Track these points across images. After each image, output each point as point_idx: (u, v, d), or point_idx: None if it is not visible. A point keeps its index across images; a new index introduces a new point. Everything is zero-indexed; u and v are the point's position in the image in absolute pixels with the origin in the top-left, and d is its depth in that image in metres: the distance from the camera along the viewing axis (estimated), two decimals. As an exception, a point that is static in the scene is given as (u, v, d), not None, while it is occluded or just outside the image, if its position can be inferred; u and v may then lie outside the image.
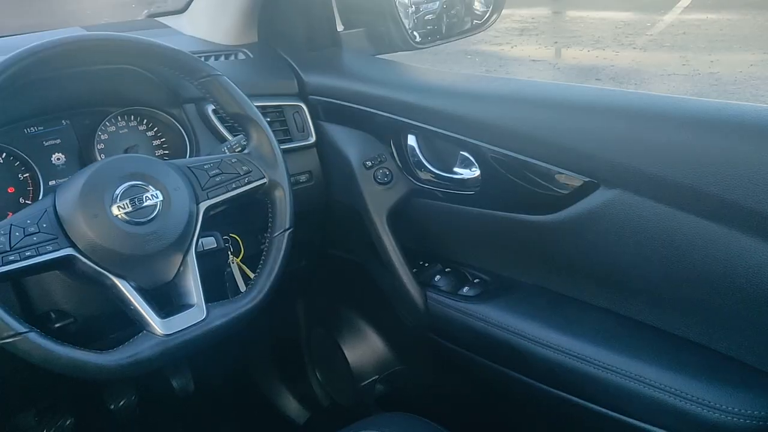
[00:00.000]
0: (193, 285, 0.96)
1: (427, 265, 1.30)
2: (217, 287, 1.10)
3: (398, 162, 1.28)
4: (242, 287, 1.19)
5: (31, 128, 1.15)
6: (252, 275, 1.18)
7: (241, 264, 1.22)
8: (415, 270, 1.26)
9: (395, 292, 1.27)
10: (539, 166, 1.05)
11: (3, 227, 0.86)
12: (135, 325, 0.93)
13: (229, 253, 1.21)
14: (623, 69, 6.08)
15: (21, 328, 0.82)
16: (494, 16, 1.54)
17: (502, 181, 1.11)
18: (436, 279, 1.25)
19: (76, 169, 1.17)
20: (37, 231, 0.88)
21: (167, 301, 0.96)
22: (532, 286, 1.17)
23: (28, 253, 0.86)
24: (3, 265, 0.84)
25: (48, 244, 0.88)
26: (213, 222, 1.04)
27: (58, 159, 1.17)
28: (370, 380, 1.52)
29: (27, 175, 1.14)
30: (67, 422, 1.55)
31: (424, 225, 1.29)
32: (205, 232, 1.04)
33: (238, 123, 1.07)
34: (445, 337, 1.23)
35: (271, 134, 1.08)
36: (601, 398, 0.99)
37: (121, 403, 1.63)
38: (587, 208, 1.00)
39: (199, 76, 1.04)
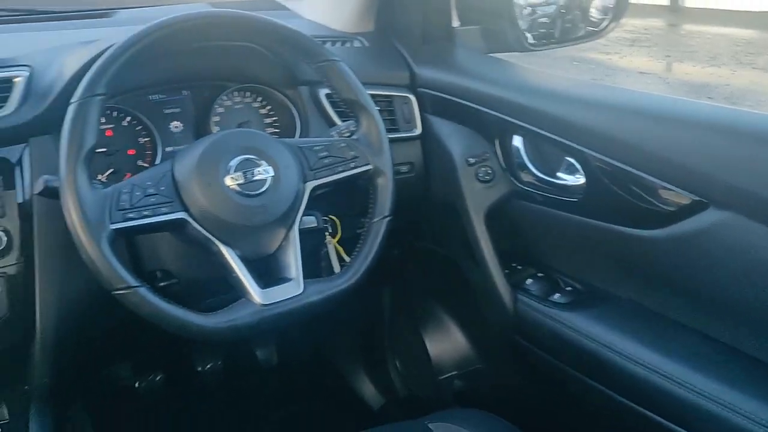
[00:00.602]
0: (293, 260, 1.00)
1: (519, 267, 1.29)
2: (311, 265, 1.14)
3: (501, 162, 1.28)
4: (336, 268, 1.22)
5: (155, 96, 1.22)
6: (346, 257, 1.22)
7: (337, 245, 1.24)
8: (507, 271, 1.26)
9: (484, 291, 1.27)
10: (646, 179, 1.03)
11: (126, 186, 0.92)
12: (233, 293, 0.97)
13: (327, 233, 1.24)
14: (739, 89, 5.81)
15: (133, 282, 0.88)
16: (611, 25, 1.51)
17: (606, 191, 1.09)
18: (527, 282, 1.25)
19: (191, 138, 1.24)
20: (155, 193, 0.93)
21: (267, 272, 1.00)
22: (626, 300, 1.15)
23: (145, 213, 0.91)
24: (123, 221, 0.89)
25: (164, 206, 0.93)
26: (314, 202, 1.07)
27: (176, 127, 1.23)
28: (448, 375, 1.52)
29: (147, 139, 1.20)
30: (158, 378, 1.64)
31: (521, 227, 1.28)
32: (306, 211, 1.07)
33: (350, 109, 1.10)
34: (530, 341, 1.22)
35: (381, 123, 1.10)
36: (688, 422, 0.96)
37: (208, 366, 1.70)
38: (694, 227, 0.98)
39: (318, 59, 1.07)
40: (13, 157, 1.02)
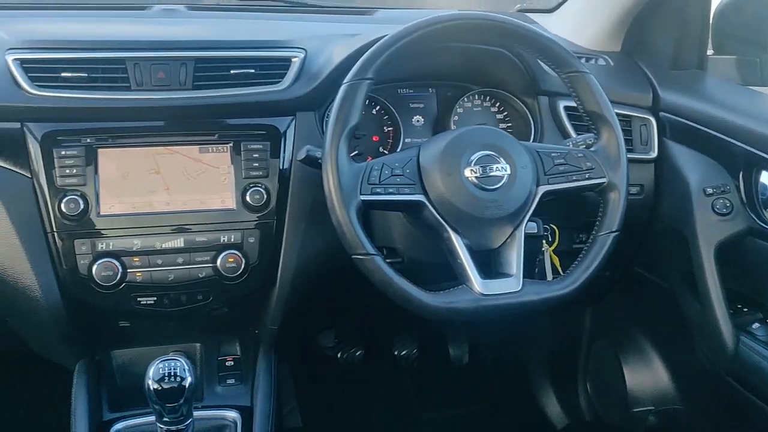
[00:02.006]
0: (515, 258, 1.04)
1: (746, 309, 1.22)
2: (525, 269, 1.16)
3: (743, 196, 1.21)
4: (549, 276, 1.23)
5: (403, 90, 1.32)
6: (560, 269, 1.23)
7: (553, 255, 1.26)
8: (731, 311, 1.20)
9: (702, 328, 1.22)
10: None
11: (377, 164, 1.01)
12: (451, 281, 1.02)
13: (545, 241, 1.26)
14: None
15: (371, 250, 0.97)
16: None
17: None
18: (753, 326, 1.18)
19: (429, 133, 1.32)
20: (401, 174, 1.01)
21: (488, 265, 1.05)
22: None
23: (390, 190, 1.00)
24: (371, 194, 0.98)
25: (406, 187, 1.01)
26: (538, 209, 1.09)
27: (418, 121, 1.32)
28: (644, 408, 1.47)
29: (390, 129, 1.30)
30: (357, 353, 1.75)
31: (755, 268, 1.21)
32: (530, 217, 1.10)
33: (592, 121, 1.11)
34: (749, 388, 1.15)
35: (622, 139, 1.10)
36: None
37: (404, 352, 1.79)
38: None
39: (568, 69, 1.09)
40: (282, 126, 1.16)
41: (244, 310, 1.20)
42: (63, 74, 1.07)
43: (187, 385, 0.88)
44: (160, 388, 0.88)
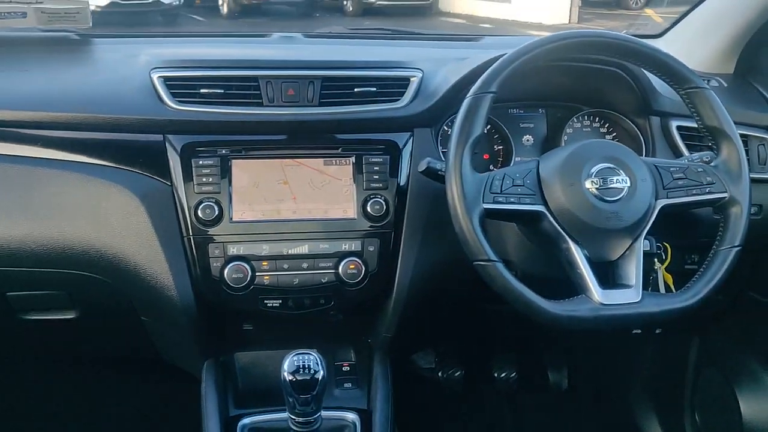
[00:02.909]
0: (634, 270, 1.04)
1: None
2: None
3: None
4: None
5: (514, 110, 1.36)
6: (672, 286, 1.22)
7: (665, 273, 1.25)
8: None
9: None
10: None
11: (498, 174, 1.04)
12: (563, 296, 1.03)
13: (657, 260, 1.26)
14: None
15: (494, 257, 0.99)
16: None
17: None
18: None
19: (538, 153, 1.34)
20: (522, 185, 1.04)
21: (606, 277, 1.05)
22: None
23: (512, 199, 1.03)
24: (493, 203, 1.02)
25: (527, 198, 1.04)
26: (652, 227, 1.10)
27: (528, 140, 1.36)
28: None
29: (501, 148, 1.34)
30: (457, 374, 1.76)
31: None
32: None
33: (712, 136, 1.11)
34: None
35: (743, 154, 1.09)
36: None
37: (503, 374, 1.79)
38: None
39: (687, 85, 1.10)
40: (401, 142, 1.21)
41: (359, 319, 1.25)
42: (202, 90, 1.17)
43: (319, 378, 0.93)
44: (294, 379, 0.92)
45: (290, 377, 0.93)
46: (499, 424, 1.84)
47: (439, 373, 1.76)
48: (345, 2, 12.28)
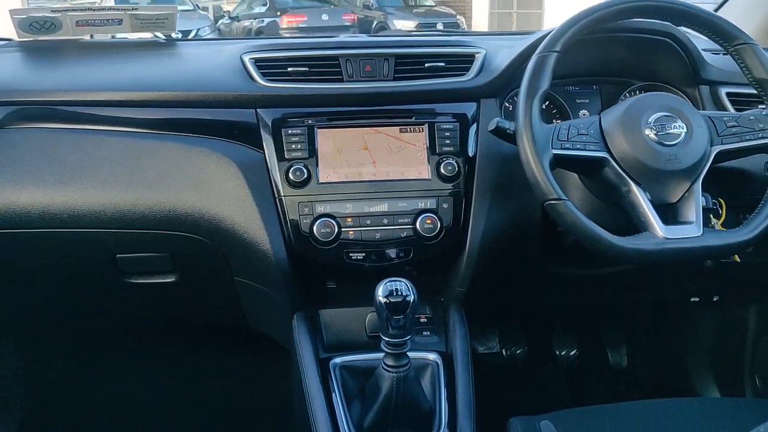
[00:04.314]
0: (694, 208, 1.12)
1: None
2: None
3: None
4: None
5: (570, 87, 1.46)
6: None
7: (722, 228, 1.33)
8: None
9: None
10: None
11: (564, 125, 1.15)
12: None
13: (712, 215, 1.33)
14: None
15: (563, 196, 1.09)
16: None
17: None
18: None
19: None
20: (586, 134, 1.14)
21: (668, 217, 1.14)
22: None
23: (578, 146, 1.13)
24: (561, 149, 1.12)
25: (591, 145, 1.14)
26: (706, 184, 1.17)
27: (584, 115, 1.45)
28: None
29: (559, 120, 1.44)
30: (519, 351, 1.83)
31: None
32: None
33: (762, 88, 1.20)
34: None
35: None
36: None
37: (564, 352, 1.86)
38: None
39: (735, 42, 1.19)
40: (468, 111, 1.33)
41: (433, 279, 1.34)
42: (288, 69, 1.30)
43: (411, 300, 1.02)
44: (388, 301, 1.02)
45: (384, 300, 1.02)
46: (560, 400, 1.89)
47: (503, 351, 1.83)
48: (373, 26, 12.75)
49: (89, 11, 1.59)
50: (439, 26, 12.09)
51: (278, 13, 12.16)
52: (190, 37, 9.74)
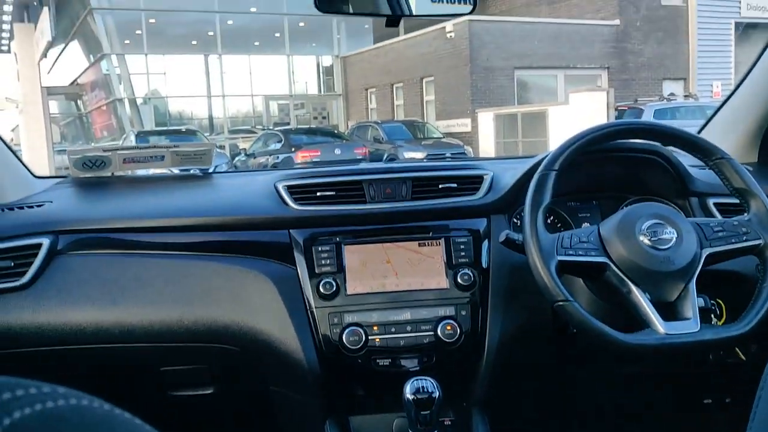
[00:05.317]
0: (691, 306, 1.23)
1: None
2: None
3: None
4: None
5: (571, 203, 1.61)
6: None
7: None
8: None
9: None
10: None
11: (567, 234, 1.28)
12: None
13: (713, 315, 1.43)
14: None
15: (570, 297, 1.20)
16: None
17: None
18: None
19: None
20: (587, 241, 1.27)
21: (666, 315, 1.24)
22: None
23: (580, 252, 1.25)
24: (565, 255, 1.24)
25: (592, 251, 1.26)
26: (703, 287, 1.29)
27: (585, 226, 1.59)
28: None
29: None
30: None
31: None
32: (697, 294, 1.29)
33: (740, 196, 1.33)
34: None
35: None
36: None
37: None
38: None
39: (714, 157, 1.34)
40: (480, 226, 1.47)
41: (455, 385, 1.43)
42: (317, 193, 1.46)
43: (436, 397, 1.11)
44: (415, 398, 1.11)
45: (411, 396, 1.11)
46: None
47: None
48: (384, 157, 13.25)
49: (136, 149, 1.79)
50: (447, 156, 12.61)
51: (293, 149, 12.78)
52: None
